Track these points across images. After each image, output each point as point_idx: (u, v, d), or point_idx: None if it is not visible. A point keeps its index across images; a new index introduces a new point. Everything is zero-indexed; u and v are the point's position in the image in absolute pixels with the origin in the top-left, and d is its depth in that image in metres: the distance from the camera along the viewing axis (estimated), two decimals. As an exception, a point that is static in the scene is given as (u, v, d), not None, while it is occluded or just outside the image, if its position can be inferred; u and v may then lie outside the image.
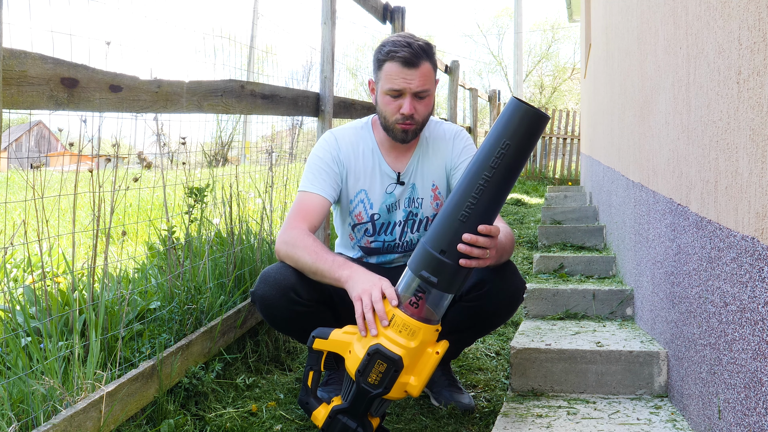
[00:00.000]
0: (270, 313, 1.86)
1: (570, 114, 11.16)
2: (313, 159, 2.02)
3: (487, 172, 1.46)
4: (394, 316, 1.50)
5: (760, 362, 1.27)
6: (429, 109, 1.95)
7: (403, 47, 1.86)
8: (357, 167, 2.02)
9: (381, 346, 1.49)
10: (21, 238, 2.63)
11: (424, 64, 1.88)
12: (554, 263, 3.51)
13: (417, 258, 1.51)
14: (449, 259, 1.48)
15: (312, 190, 1.96)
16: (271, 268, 1.87)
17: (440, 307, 1.53)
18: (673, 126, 2.02)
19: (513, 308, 1.91)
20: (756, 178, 1.27)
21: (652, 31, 2.39)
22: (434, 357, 1.53)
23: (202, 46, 3.71)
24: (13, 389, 1.58)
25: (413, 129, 1.94)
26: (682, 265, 1.87)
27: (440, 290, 1.50)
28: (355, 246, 2.12)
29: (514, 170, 1.48)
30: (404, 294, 1.53)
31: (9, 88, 1.40)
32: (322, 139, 2.08)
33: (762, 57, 1.23)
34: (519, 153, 1.46)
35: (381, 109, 1.95)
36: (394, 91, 1.89)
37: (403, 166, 2.03)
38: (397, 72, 1.87)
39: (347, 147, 2.03)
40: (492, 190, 1.46)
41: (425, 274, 1.48)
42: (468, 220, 1.47)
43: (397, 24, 4.42)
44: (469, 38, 42.26)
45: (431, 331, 1.52)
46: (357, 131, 2.06)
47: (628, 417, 1.86)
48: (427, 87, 1.90)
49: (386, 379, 1.51)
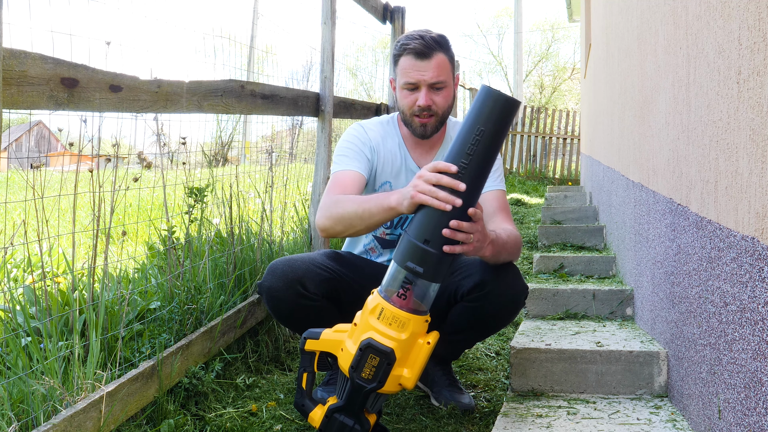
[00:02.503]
0: (276, 305, 1.85)
1: (570, 114, 11.16)
2: (343, 144, 2.01)
3: (464, 159, 1.48)
4: (383, 309, 1.51)
5: (760, 362, 1.27)
6: (448, 101, 1.94)
7: (415, 39, 1.86)
8: (385, 159, 2.03)
9: (372, 340, 1.50)
10: (21, 238, 2.63)
11: (438, 55, 1.88)
12: (554, 263, 3.51)
13: (401, 250, 1.52)
14: (433, 248, 1.49)
15: (346, 167, 1.94)
16: (279, 261, 1.87)
17: (427, 298, 1.54)
18: (673, 126, 2.02)
19: (514, 312, 1.90)
20: (756, 178, 1.27)
21: (652, 31, 2.39)
22: (426, 347, 1.54)
23: (202, 46, 3.71)
24: (13, 389, 1.58)
25: (432, 122, 1.93)
26: (682, 265, 1.87)
27: (426, 280, 1.51)
28: (369, 235, 2.11)
29: (490, 155, 1.50)
30: (391, 287, 1.53)
31: (9, 88, 1.40)
32: (351, 128, 2.07)
33: (762, 57, 1.23)
34: (493, 138, 1.48)
35: (400, 105, 1.96)
36: (409, 84, 1.90)
37: (427, 162, 2.03)
38: (411, 65, 1.88)
39: (377, 137, 2.03)
40: (470, 177, 1.49)
41: (411, 265, 1.49)
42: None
43: (397, 24, 4.42)
44: (469, 38, 42.22)
45: (421, 322, 1.53)
46: (384, 126, 2.06)
47: (628, 417, 1.86)
48: (443, 78, 1.89)
49: (380, 373, 1.51)
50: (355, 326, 1.56)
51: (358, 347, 1.51)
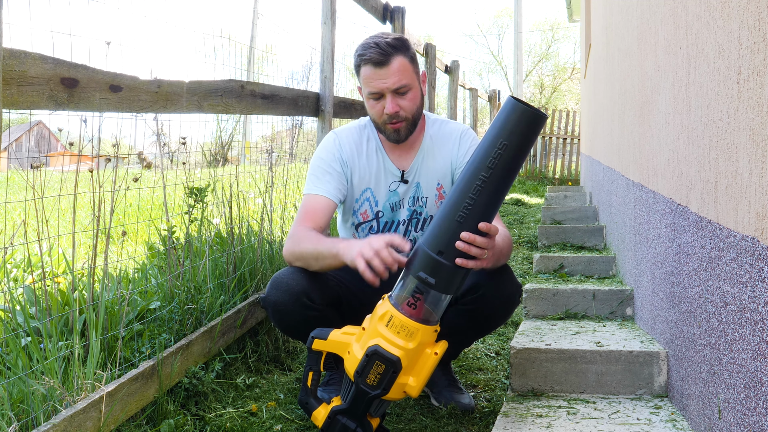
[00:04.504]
0: (282, 319, 1.84)
1: (570, 114, 11.16)
2: (316, 162, 2.01)
3: (484, 172, 1.45)
4: (392, 317, 1.50)
5: (760, 362, 1.27)
6: (415, 102, 1.91)
7: (371, 48, 1.84)
8: (362, 166, 2.00)
9: (379, 347, 1.49)
10: (21, 238, 2.63)
11: (396, 60, 1.85)
12: (554, 263, 3.51)
13: (414, 259, 1.51)
14: (447, 260, 1.47)
15: (316, 192, 1.95)
16: (282, 274, 1.85)
17: (439, 308, 1.53)
18: (673, 126, 2.02)
19: (509, 311, 1.91)
20: (756, 178, 1.27)
21: (652, 31, 2.39)
22: (433, 358, 1.53)
23: (202, 46, 3.71)
24: (13, 389, 1.58)
25: (404, 126, 1.91)
26: (682, 265, 1.87)
27: (438, 291, 1.50)
28: None
29: (512, 170, 1.47)
30: (401, 294, 1.52)
31: (9, 88, 1.40)
32: (324, 140, 2.06)
33: (762, 57, 1.23)
34: (517, 153, 1.45)
35: (370, 114, 1.95)
36: (373, 94, 1.88)
37: (407, 165, 2.02)
38: (371, 74, 1.86)
39: (351, 146, 2.01)
40: (489, 191, 1.46)
41: (423, 275, 1.48)
42: (465, 220, 1.47)
43: (397, 24, 4.42)
44: (469, 38, 42.28)
45: (430, 332, 1.52)
46: (360, 130, 2.04)
47: (628, 417, 1.86)
48: (405, 81, 1.86)
49: (385, 380, 1.51)
50: (363, 330, 1.55)
51: (365, 353, 1.51)
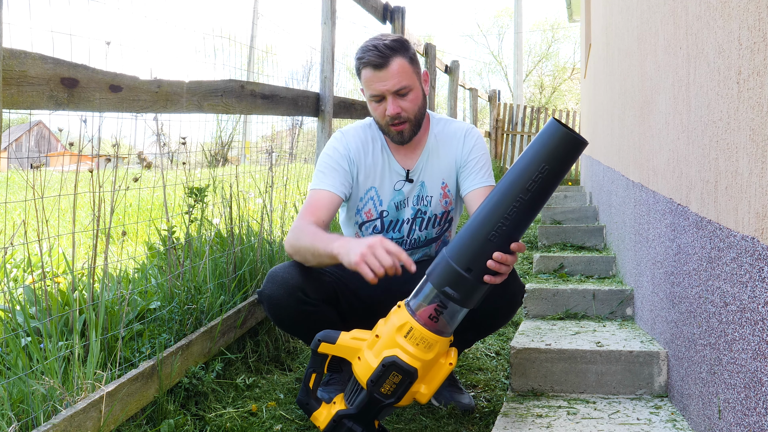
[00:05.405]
0: (277, 313, 1.85)
1: (570, 114, 11.16)
2: (323, 159, 2.02)
3: (522, 194, 1.45)
4: (411, 329, 1.50)
5: (760, 362, 1.27)
6: (417, 103, 1.92)
7: (370, 51, 1.85)
8: (367, 164, 2.01)
9: (398, 359, 1.49)
10: (21, 238, 2.63)
11: (396, 61, 1.85)
12: (554, 263, 3.51)
13: (440, 272, 1.50)
14: (474, 277, 1.48)
15: (321, 186, 1.95)
16: (279, 268, 1.86)
17: (455, 321, 1.54)
18: (673, 126, 2.02)
19: (512, 311, 1.91)
20: (756, 178, 1.27)
21: (652, 31, 2.39)
22: (446, 367, 1.54)
23: (202, 46, 3.71)
24: (13, 389, 1.58)
25: (407, 127, 1.92)
26: (682, 265, 1.87)
27: (460, 306, 1.50)
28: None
29: (548, 193, 1.48)
30: (422, 304, 1.52)
31: (9, 88, 1.40)
32: (332, 138, 2.07)
33: (762, 57, 1.23)
34: (555, 177, 1.46)
35: (372, 116, 1.97)
36: (375, 97, 1.89)
37: (412, 164, 2.02)
38: (371, 77, 1.87)
39: (357, 145, 2.02)
40: (524, 212, 1.46)
41: (449, 291, 1.48)
42: (497, 239, 1.47)
43: (397, 24, 4.42)
44: (469, 38, 42.28)
45: (446, 344, 1.53)
46: (366, 129, 2.05)
47: (628, 417, 1.86)
48: (405, 83, 1.87)
49: (400, 390, 1.51)
50: (377, 338, 1.54)
51: (381, 362, 1.50)
